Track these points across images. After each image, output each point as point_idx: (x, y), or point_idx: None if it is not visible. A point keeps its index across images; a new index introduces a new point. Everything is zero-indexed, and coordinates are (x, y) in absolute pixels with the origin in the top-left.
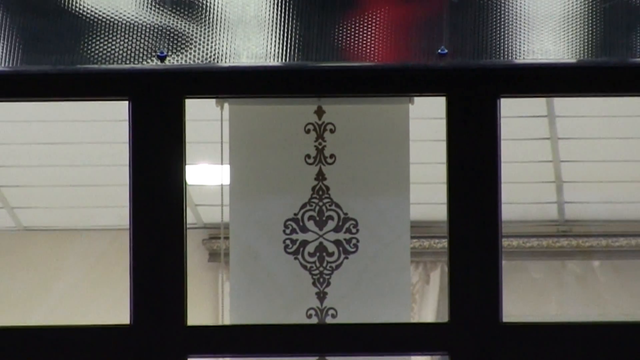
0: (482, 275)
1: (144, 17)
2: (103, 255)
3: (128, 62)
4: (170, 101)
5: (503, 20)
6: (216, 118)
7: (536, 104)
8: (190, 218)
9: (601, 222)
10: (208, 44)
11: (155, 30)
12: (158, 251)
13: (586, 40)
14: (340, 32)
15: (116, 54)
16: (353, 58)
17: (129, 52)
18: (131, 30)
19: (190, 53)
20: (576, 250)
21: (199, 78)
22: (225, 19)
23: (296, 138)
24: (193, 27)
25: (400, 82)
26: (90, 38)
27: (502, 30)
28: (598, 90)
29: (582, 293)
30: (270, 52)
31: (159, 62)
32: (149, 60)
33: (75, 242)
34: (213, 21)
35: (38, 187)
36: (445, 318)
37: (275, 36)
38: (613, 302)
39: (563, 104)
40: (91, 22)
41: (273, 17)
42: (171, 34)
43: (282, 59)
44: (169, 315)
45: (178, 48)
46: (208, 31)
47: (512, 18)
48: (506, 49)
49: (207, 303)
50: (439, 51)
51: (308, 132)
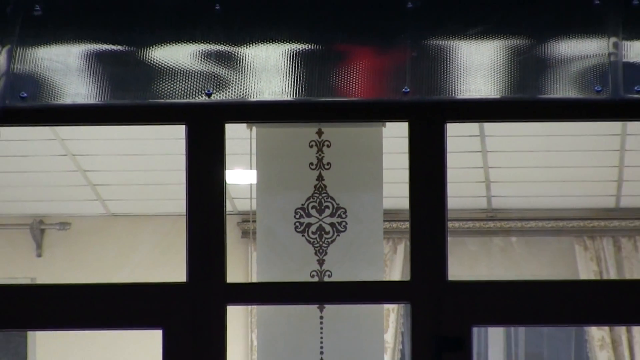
0: (433, 247)
1: (196, 66)
2: (167, 234)
3: (185, 98)
4: (214, 126)
5: (448, 68)
6: (247, 137)
7: (472, 127)
8: (228, 207)
9: (517, 210)
10: (241, 85)
11: (204, 75)
12: (206, 230)
13: (507, 82)
14: (333, 77)
15: (177, 92)
16: (343, 95)
17: (186, 91)
18: (187, 75)
19: (229, 91)
20: (499, 229)
21: (235, 109)
22: (253, 67)
23: (303, 151)
24: (231, 73)
25: (375, 112)
26: (158, 80)
27: (448, 75)
28: (515, 117)
29: (504, 260)
30: (285, 91)
31: (207, 98)
32: (200, 96)
33: (147, 225)
34: (245, 69)
35: (121, 185)
36: (407, 278)
37: (288, 79)
38: (525, 267)
39: (490, 127)
40: (159, 69)
41: (287, 66)
42: (215, 78)
43: (293, 96)
44: (214, 275)
45: (220, 88)
46: (241, 76)
47: (455, 67)
48: (451, 88)
49: (240, 267)
50: (403, 90)
51: (311, 147)
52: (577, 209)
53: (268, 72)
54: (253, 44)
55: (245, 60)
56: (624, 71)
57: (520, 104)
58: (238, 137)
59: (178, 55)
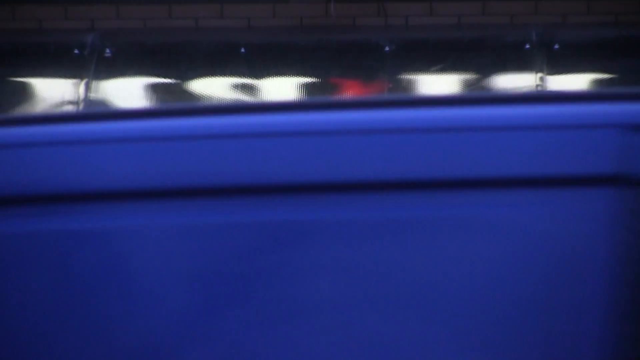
0: None
1: (226, 93)
2: None
3: None
4: None
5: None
6: None
7: None
8: None
9: None
10: None
11: (231, 99)
12: None
13: None
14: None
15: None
16: None
17: None
18: (219, 99)
19: None
20: None
21: None
22: (268, 94)
23: None
24: (251, 98)
25: None
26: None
27: None
28: None
29: None
30: None
31: None
32: None
33: None
34: (262, 95)
35: None
36: None
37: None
38: None
39: None
40: (198, 96)
41: (293, 94)
42: (240, 101)
43: None
44: None
45: None
46: (259, 100)
47: (422, 93)
48: None
49: None
50: None
51: None
52: None
53: (279, 98)
54: (268, 78)
55: (262, 89)
56: None
57: None
58: None
59: (212, 85)
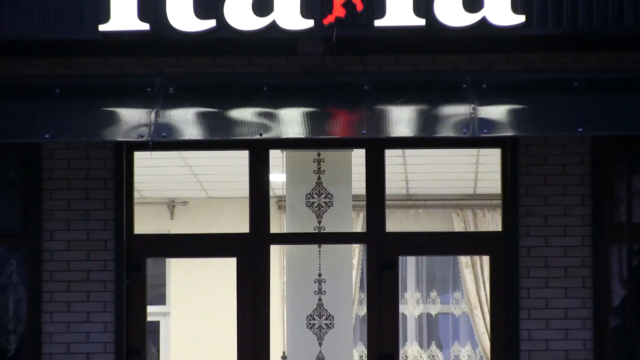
0: (378, 214)
1: (254, 119)
2: (237, 209)
3: (248, 136)
4: (263, 151)
5: (386, 121)
6: (281, 156)
7: (398, 151)
8: (271, 193)
9: (423, 195)
10: (277, 129)
11: (258, 124)
12: (259, 206)
13: (416, 127)
14: (325, 125)
15: (244, 132)
16: (330, 134)
17: (248, 132)
18: (249, 124)
19: (270, 133)
20: (412, 205)
21: (274, 142)
22: (283, 120)
23: (309, 164)
24: (272, 123)
25: (348, 143)
26: (234, 126)
27: (386, 124)
28: (422, 146)
29: (416, 222)
30: (300, 132)
31: (259, 136)
32: (256, 135)
33: (227, 204)
34: (279, 121)
35: (215, 181)
36: (364, 230)
37: (302, 126)
38: (426, 225)
39: (409, 151)
40: (234, 121)
41: (301, 120)
42: (264, 125)
43: (305, 135)
44: (263, 228)
45: (266, 131)
46: (277, 125)
47: (390, 120)
48: (388, 131)
49: (277, 225)
50: (362, 132)
51: (314, 162)
52: (454, 194)
53: (292, 123)
54: (284, 108)
55: (279, 116)
56: (478, 122)
57: (423, 139)
58: (276, 157)
59: (244, 113)
